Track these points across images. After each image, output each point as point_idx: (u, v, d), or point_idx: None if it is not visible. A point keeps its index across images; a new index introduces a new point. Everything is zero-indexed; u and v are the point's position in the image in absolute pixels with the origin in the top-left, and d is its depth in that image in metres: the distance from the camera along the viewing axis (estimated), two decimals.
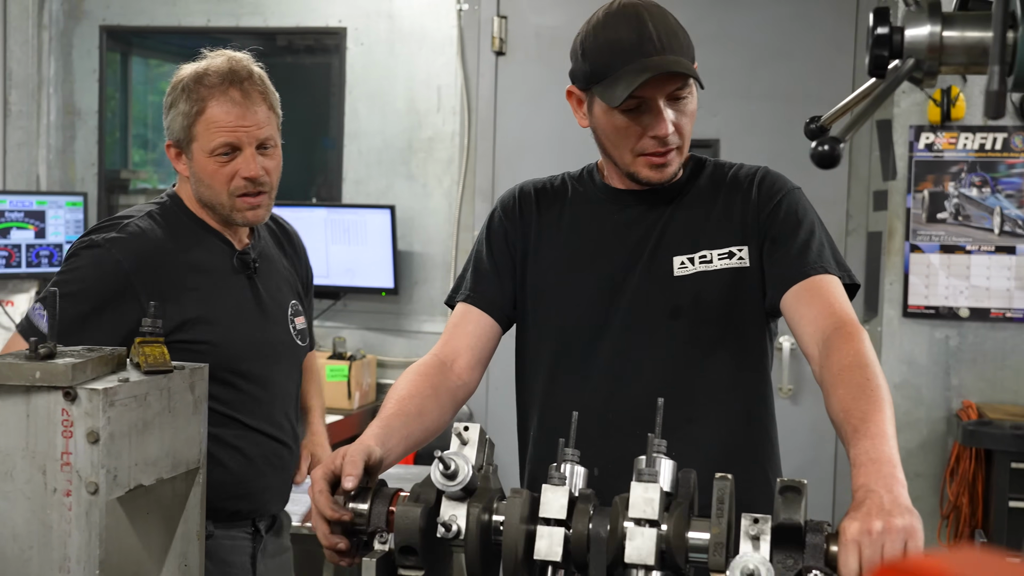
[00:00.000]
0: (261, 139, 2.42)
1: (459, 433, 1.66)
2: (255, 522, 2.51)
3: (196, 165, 2.42)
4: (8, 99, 5.40)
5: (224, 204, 2.42)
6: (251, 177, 2.40)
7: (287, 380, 2.56)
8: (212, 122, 2.38)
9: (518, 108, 5.04)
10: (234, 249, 2.49)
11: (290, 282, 2.63)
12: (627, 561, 1.51)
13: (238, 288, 2.47)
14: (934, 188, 4.53)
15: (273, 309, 2.52)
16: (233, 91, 2.39)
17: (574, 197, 2.27)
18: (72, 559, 1.60)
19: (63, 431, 1.59)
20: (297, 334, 2.59)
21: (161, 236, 2.40)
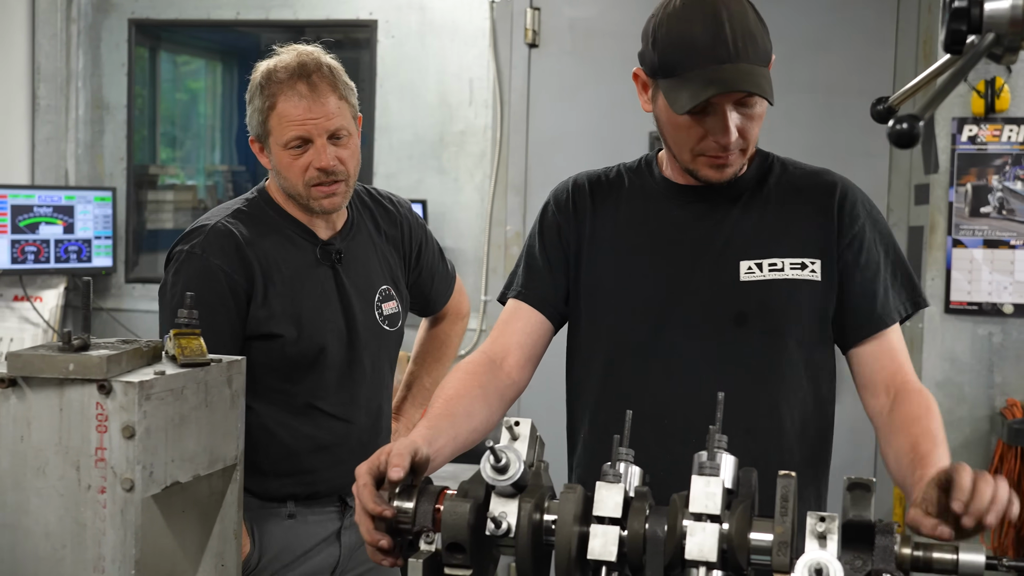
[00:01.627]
0: (332, 129, 2.47)
1: (510, 427, 1.60)
2: (342, 497, 2.60)
3: (274, 158, 2.51)
4: (37, 93, 5.37)
5: (301, 194, 2.50)
6: (323, 168, 2.46)
7: (375, 366, 2.62)
8: (282, 116, 2.46)
9: (551, 101, 4.97)
10: (318, 240, 2.56)
11: (384, 265, 2.68)
12: (687, 558, 1.44)
13: (322, 279, 2.55)
14: (977, 181, 4.44)
15: (357, 297, 2.59)
16: (300, 85, 2.46)
17: (631, 190, 2.19)
18: (107, 558, 1.55)
19: (97, 426, 1.53)
20: (385, 319, 2.64)
21: (247, 232, 2.50)
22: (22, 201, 5.02)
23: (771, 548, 1.45)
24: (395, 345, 2.71)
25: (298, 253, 2.54)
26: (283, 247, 2.53)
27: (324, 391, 2.54)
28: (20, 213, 5.01)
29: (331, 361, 2.53)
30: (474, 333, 5.02)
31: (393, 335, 2.68)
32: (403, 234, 2.76)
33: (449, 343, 2.99)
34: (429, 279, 2.84)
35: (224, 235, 2.47)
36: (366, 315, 2.60)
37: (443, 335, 2.98)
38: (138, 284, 5.45)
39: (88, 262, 5.18)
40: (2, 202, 4.96)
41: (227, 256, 2.45)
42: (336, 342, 2.54)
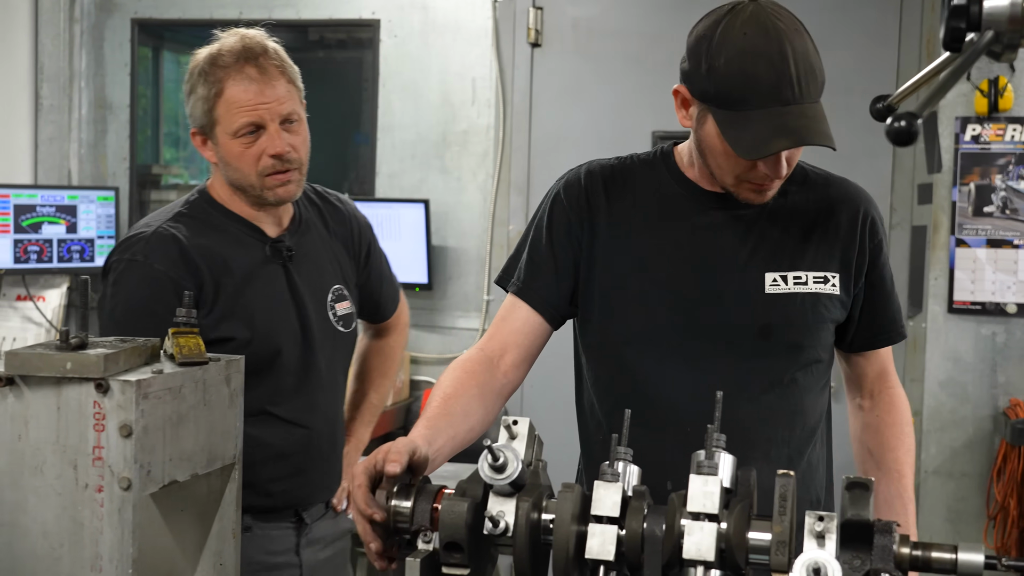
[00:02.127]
0: (284, 114, 2.36)
1: (508, 426, 1.59)
2: (298, 511, 2.48)
3: (222, 149, 2.38)
4: (40, 93, 5.37)
5: (254, 185, 2.38)
6: (278, 154, 2.35)
7: (330, 369, 2.51)
8: (232, 102, 2.33)
9: (554, 101, 4.96)
10: (266, 238, 2.44)
11: (335, 264, 2.56)
12: (685, 557, 1.44)
13: (272, 279, 2.43)
14: (981, 181, 4.43)
15: (310, 296, 2.47)
16: (249, 68, 2.34)
17: (647, 186, 2.12)
18: (104, 557, 1.54)
19: (95, 424, 1.53)
20: (339, 320, 2.53)
21: (190, 235, 2.36)
22: (25, 201, 5.02)
23: (769, 547, 1.45)
24: (350, 348, 2.61)
25: (246, 252, 2.41)
26: (230, 247, 2.39)
27: (280, 396, 2.41)
28: (23, 213, 5.01)
29: (287, 364, 2.41)
30: (476, 333, 5.01)
31: (347, 336, 2.56)
32: (352, 233, 2.64)
33: (394, 356, 2.87)
34: (378, 282, 2.72)
35: (167, 240, 2.33)
36: (320, 315, 2.48)
37: (388, 348, 2.85)
38: None
39: (91, 262, 5.18)
40: (5, 202, 4.96)
41: (172, 261, 2.30)
42: (291, 344, 2.42)
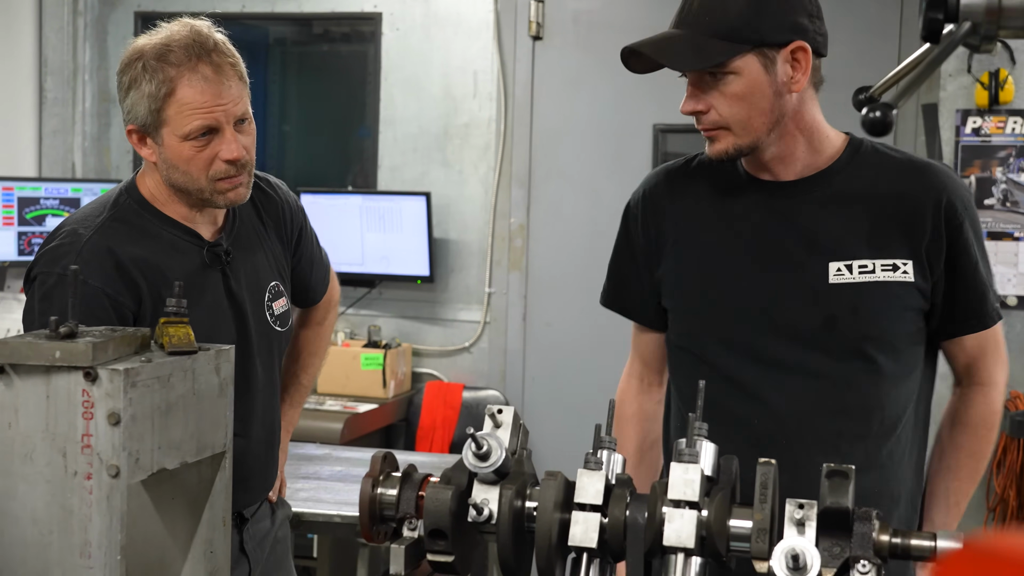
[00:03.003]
0: (238, 115, 2.18)
1: (493, 415, 1.60)
2: (240, 513, 2.41)
3: (168, 151, 2.18)
4: (44, 86, 5.40)
5: (203, 189, 2.20)
6: (233, 159, 2.17)
7: (267, 372, 2.40)
8: (185, 104, 2.13)
9: (555, 94, 4.97)
10: (203, 242, 2.28)
11: (270, 258, 2.42)
12: (665, 544, 1.45)
13: (210, 286, 2.28)
14: (981, 173, 4.43)
15: (248, 300, 2.33)
16: (203, 66, 2.13)
17: (709, 182, 2.13)
18: (93, 544, 1.56)
19: (83, 412, 1.54)
20: (275, 320, 2.40)
21: (123, 243, 2.18)
22: (29, 193, 5.05)
23: (750, 535, 1.46)
24: (284, 343, 2.49)
25: (183, 259, 2.23)
26: (166, 255, 2.22)
27: None
28: (27, 205, 5.04)
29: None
30: (477, 325, 5.03)
31: (284, 335, 2.45)
32: (284, 219, 2.47)
33: (325, 335, 2.75)
34: (308, 267, 2.57)
35: (101, 252, 2.14)
36: (257, 318, 2.35)
37: (320, 327, 2.73)
38: None
39: None
40: (9, 194, 4.99)
41: (107, 276, 2.13)
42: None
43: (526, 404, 5.02)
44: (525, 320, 5.03)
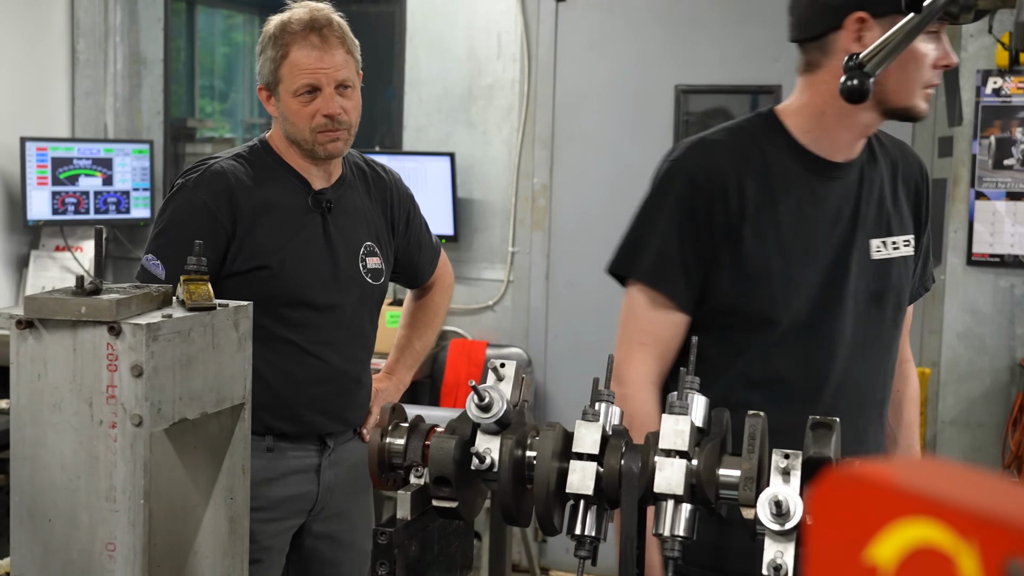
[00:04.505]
0: (339, 80, 2.64)
1: (495, 368, 1.68)
2: (322, 437, 2.76)
3: (283, 105, 2.66)
4: (76, 48, 5.48)
5: (307, 140, 2.65)
6: (330, 115, 2.62)
7: (355, 314, 2.75)
8: (295, 65, 2.62)
9: (578, 55, 5.02)
10: (311, 189, 2.71)
11: (371, 223, 2.81)
12: (656, 491, 1.53)
13: (310, 225, 2.69)
14: (1001, 134, 4.45)
15: (343, 246, 2.72)
16: (313, 37, 2.62)
17: (771, 159, 2.13)
18: (118, 489, 1.64)
19: (108, 365, 1.63)
20: (368, 272, 2.77)
21: (242, 175, 2.65)
22: (62, 154, 5.15)
23: (738, 483, 1.53)
24: (377, 298, 2.83)
25: (291, 198, 2.69)
26: (277, 191, 2.68)
27: (302, 329, 2.68)
28: (60, 165, 5.14)
29: (311, 300, 2.67)
30: (501, 284, 5.10)
31: (376, 288, 2.80)
32: (391, 200, 2.89)
33: (438, 311, 3.13)
34: (417, 249, 2.97)
35: (218, 174, 2.63)
36: (350, 264, 2.74)
37: (432, 304, 3.11)
38: None
39: (127, 213, 5.31)
40: (43, 155, 5.09)
41: (215, 194, 2.60)
42: (317, 283, 2.68)
43: (548, 361, 5.09)
44: (548, 279, 5.10)
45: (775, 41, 4.81)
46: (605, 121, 4.99)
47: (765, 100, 4.84)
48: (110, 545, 1.64)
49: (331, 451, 2.78)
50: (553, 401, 5.09)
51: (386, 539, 1.60)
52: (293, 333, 2.67)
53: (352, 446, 2.84)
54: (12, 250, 5.24)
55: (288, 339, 2.67)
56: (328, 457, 2.77)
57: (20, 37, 5.22)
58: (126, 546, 1.63)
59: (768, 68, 4.77)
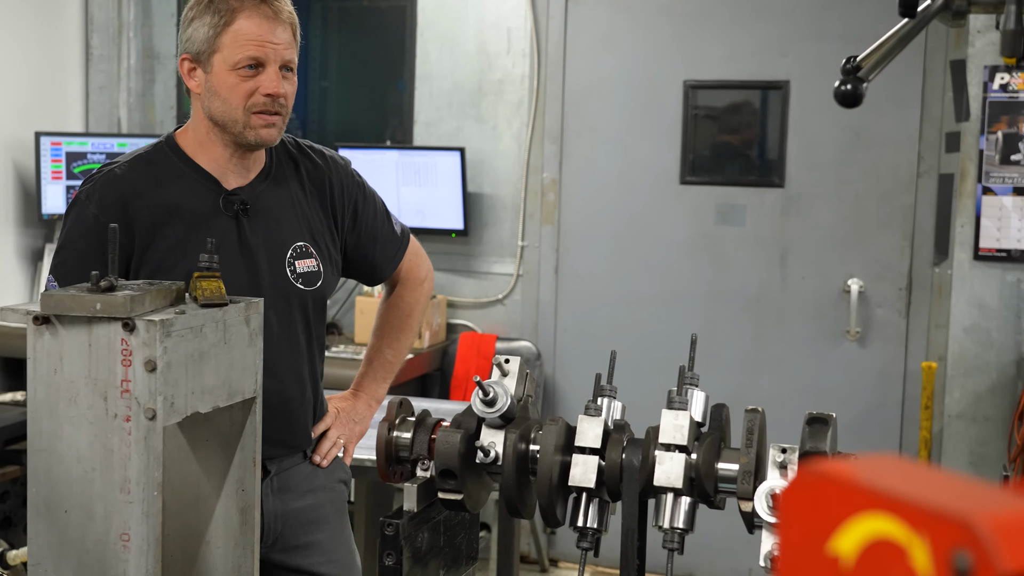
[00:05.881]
0: (285, 59, 2.37)
1: (500, 364, 1.72)
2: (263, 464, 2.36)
3: (215, 78, 2.36)
4: (90, 43, 5.53)
5: (238, 120, 2.36)
6: (272, 94, 2.34)
7: (284, 326, 2.46)
8: (240, 34, 2.33)
9: (588, 50, 5.05)
10: (221, 190, 2.42)
11: (302, 220, 2.51)
12: (655, 484, 1.57)
13: (222, 230, 2.39)
14: (1008, 129, 4.47)
15: (263, 251, 2.43)
16: (264, 7, 2.35)
17: None
18: (132, 480, 1.69)
19: (122, 360, 1.67)
20: (299, 277, 2.47)
21: (141, 180, 2.38)
22: (76, 148, 5.19)
23: (736, 477, 1.57)
24: (313, 305, 2.53)
25: (198, 202, 2.40)
26: (181, 195, 2.40)
27: None
28: (74, 160, 5.18)
29: None
30: (511, 278, 5.14)
31: (310, 294, 2.50)
32: (330, 191, 2.57)
33: (411, 312, 2.78)
34: (370, 242, 2.64)
35: (111, 183, 2.38)
36: (274, 270, 2.44)
37: (402, 304, 2.77)
38: None
39: None
40: (57, 149, 5.13)
41: (106, 206, 2.34)
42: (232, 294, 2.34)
43: (558, 355, 5.13)
44: (557, 273, 5.13)
45: (784, 36, 4.86)
46: (614, 116, 5.02)
47: (774, 95, 4.87)
48: (124, 535, 1.68)
49: (272, 476, 2.46)
50: (562, 394, 5.13)
51: (393, 530, 1.64)
52: None
53: (303, 471, 2.53)
54: (27, 244, 5.29)
55: None
56: (269, 483, 2.45)
57: (34, 33, 5.27)
58: (140, 536, 1.67)
59: (776, 63, 4.80)
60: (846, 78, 1.35)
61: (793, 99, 4.80)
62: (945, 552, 0.50)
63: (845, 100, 1.34)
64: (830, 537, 0.55)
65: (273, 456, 2.45)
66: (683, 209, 4.94)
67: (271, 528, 2.46)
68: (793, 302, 4.85)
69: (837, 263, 4.79)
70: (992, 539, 0.49)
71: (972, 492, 0.53)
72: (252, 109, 2.35)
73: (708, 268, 4.94)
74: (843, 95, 1.36)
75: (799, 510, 0.57)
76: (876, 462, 0.57)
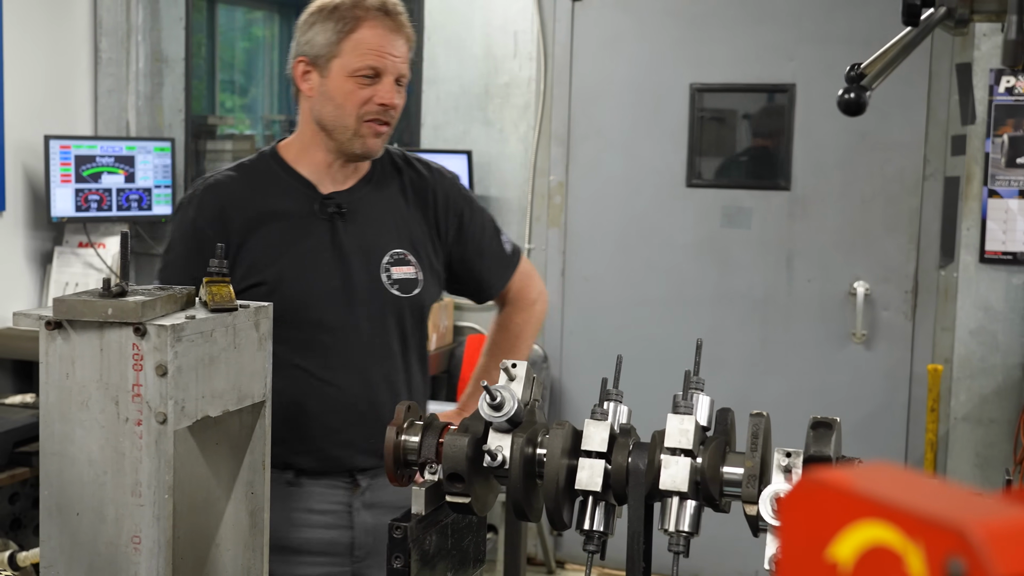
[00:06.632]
0: (400, 72, 2.43)
1: (507, 369, 1.73)
2: (352, 473, 2.45)
3: (331, 83, 2.42)
4: (99, 47, 5.55)
5: (348, 127, 2.42)
6: (385, 103, 2.40)
7: (376, 331, 2.46)
8: (362, 42, 2.39)
9: (594, 54, 5.06)
10: (318, 194, 2.46)
11: (402, 228, 2.52)
12: (661, 488, 1.58)
13: (316, 233, 2.44)
14: (1014, 132, 4.48)
15: (358, 255, 2.45)
16: (388, 20, 2.42)
17: None
18: (143, 484, 1.70)
19: (134, 364, 1.69)
20: (393, 283, 2.47)
21: (238, 186, 2.46)
22: (85, 151, 5.22)
23: (741, 481, 1.59)
24: (410, 312, 2.51)
25: (294, 205, 2.45)
26: (279, 200, 2.46)
27: (310, 351, 2.41)
28: (84, 163, 5.21)
29: (317, 317, 2.42)
30: None
31: (405, 301, 2.48)
32: (432, 203, 2.57)
33: (520, 334, 2.70)
34: (476, 257, 2.62)
35: (210, 189, 2.46)
36: (368, 275, 2.45)
37: (511, 325, 2.70)
38: None
39: (148, 210, 5.38)
40: (66, 153, 5.16)
41: (204, 211, 2.43)
42: (323, 298, 2.42)
43: (564, 357, 5.15)
44: (563, 275, 5.15)
45: (790, 40, 4.87)
46: (620, 119, 5.04)
47: (780, 98, 4.89)
48: (135, 538, 1.70)
49: (364, 490, 2.45)
50: (569, 396, 5.15)
51: (401, 533, 1.65)
52: (302, 358, 2.39)
53: (392, 489, 2.30)
54: (36, 246, 5.32)
55: (296, 365, 2.38)
56: (361, 496, 2.45)
57: (44, 37, 5.30)
58: (151, 539, 1.69)
59: (783, 67, 4.82)
60: (849, 86, 1.37)
61: (799, 102, 4.82)
62: (940, 559, 0.51)
63: (848, 109, 1.35)
64: (829, 544, 0.56)
65: (365, 467, 2.45)
66: (689, 212, 4.95)
67: (362, 542, 2.46)
68: (799, 305, 4.86)
69: (843, 266, 4.80)
70: (985, 546, 0.50)
71: (967, 500, 0.54)
72: (364, 117, 2.41)
73: (714, 271, 4.96)
74: (846, 104, 1.37)
75: (798, 517, 0.58)
76: (874, 470, 0.58)
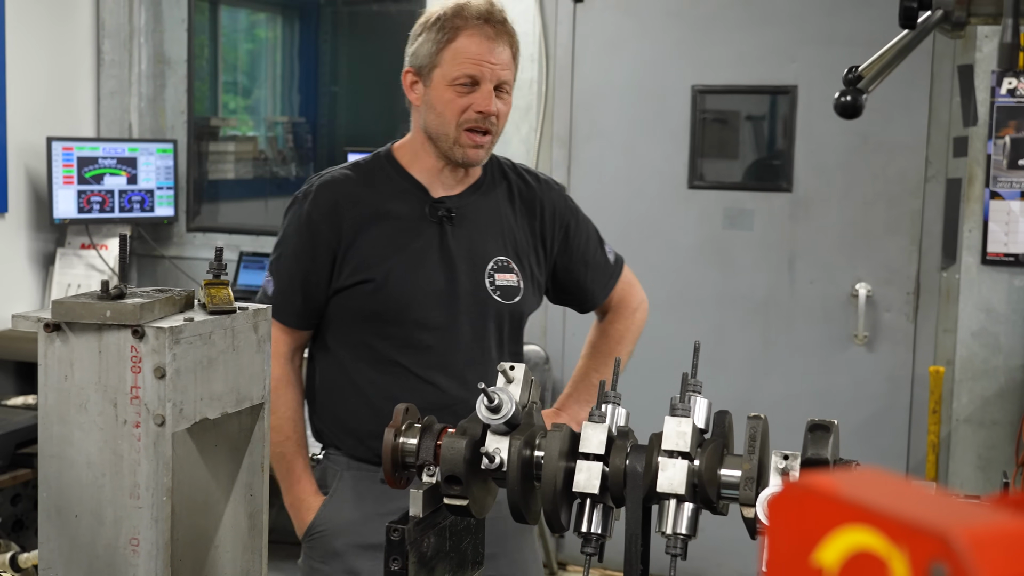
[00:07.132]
0: (501, 80, 2.47)
1: (505, 371, 1.74)
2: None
3: (432, 92, 2.48)
4: (101, 48, 5.56)
5: (449, 135, 2.47)
6: (484, 111, 2.44)
7: (477, 335, 2.53)
8: (460, 51, 2.44)
9: (596, 55, 5.06)
10: (429, 197, 2.53)
11: (508, 236, 2.58)
12: (658, 491, 1.58)
13: (425, 235, 2.51)
14: (1016, 134, 4.47)
15: (464, 259, 2.51)
16: (487, 27, 2.45)
17: None
18: (142, 486, 1.71)
19: (132, 367, 1.69)
20: (496, 289, 2.53)
21: (353, 184, 2.53)
22: (88, 153, 5.23)
23: (739, 483, 1.59)
24: (509, 319, 2.57)
25: (404, 207, 2.52)
26: (391, 200, 2.52)
27: (411, 349, 2.49)
28: (86, 165, 5.22)
29: (420, 317, 2.49)
30: None
31: (506, 308, 2.55)
32: (539, 214, 2.63)
33: (621, 340, 2.78)
34: (581, 267, 2.70)
35: (325, 185, 2.53)
36: (472, 280, 2.52)
37: (612, 331, 2.78)
38: (199, 233, 5.65)
39: (151, 212, 5.39)
40: (69, 154, 5.17)
41: (319, 207, 2.50)
42: (428, 299, 2.49)
43: (566, 359, 5.15)
44: None
45: (792, 41, 4.87)
46: (622, 121, 5.04)
47: (782, 100, 4.88)
48: (134, 540, 1.70)
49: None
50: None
51: (399, 535, 1.66)
52: (402, 355, 2.48)
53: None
54: (39, 248, 5.33)
55: (397, 362, 2.48)
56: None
57: (46, 39, 5.31)
58: (149, 541, 1.69)
59: (785, 68, 4.82)
60: (846, 89, 1.37)
61: (801, 104, 4.81)
62: (923, 565, 0.51)
63: (845, 112, 1.36)
64: (814, 548, 0.56)
65: None
66: (691, 213, 4.95)
67: None
68: (801, 306, 4.86)
69: (845, 267, 4.79)
70: (969, 552, 0.50)
71: (951, 506, 0.54)
72: (464, 125, 2.46)
73: (716, 272, 4.96)
74: (843, 107, 1.37)
75: (784, 522, 0.58)
76: (861, 476, 0.58)
